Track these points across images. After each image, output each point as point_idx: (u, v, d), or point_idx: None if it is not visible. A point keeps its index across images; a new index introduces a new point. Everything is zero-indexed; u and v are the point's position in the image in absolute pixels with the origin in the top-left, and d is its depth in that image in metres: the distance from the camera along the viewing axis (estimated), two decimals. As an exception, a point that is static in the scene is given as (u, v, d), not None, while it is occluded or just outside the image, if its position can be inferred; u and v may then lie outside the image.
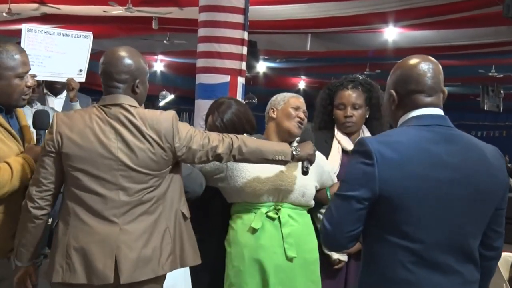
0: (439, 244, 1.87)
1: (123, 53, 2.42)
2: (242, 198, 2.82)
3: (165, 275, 2.49)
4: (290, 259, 2.77)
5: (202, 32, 6.04)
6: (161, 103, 16.52)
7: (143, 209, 2.39)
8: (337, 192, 1.96)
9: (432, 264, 1.87)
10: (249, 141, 2.57)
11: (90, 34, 4.19)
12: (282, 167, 2.81)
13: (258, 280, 2.75)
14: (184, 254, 2.48)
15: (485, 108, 14.13)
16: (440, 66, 2.00)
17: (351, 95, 3.15)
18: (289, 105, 2.93)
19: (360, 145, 1.93)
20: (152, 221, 2.40)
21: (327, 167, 3.02)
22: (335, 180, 3.04)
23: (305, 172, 2.71)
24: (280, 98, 2.98)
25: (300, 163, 2.75)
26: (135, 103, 2.41)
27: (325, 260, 3.00)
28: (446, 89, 2.04)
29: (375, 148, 1.87)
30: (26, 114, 2.76)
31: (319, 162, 2.91)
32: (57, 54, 4.07)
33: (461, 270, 1.90)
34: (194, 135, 2.45)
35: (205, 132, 2.52)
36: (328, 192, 2.99)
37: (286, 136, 2.89)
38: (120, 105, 2.38)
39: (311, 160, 2.69)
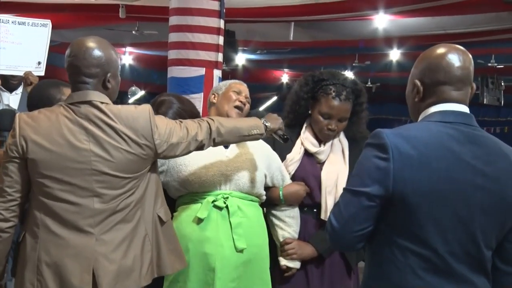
0: (453, 251, 1.89)
1: (92, 44, 2.37)
2: (187, 189, 2.85)
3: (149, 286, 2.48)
4: (239, 251, 2.79)
5: (173, 20, 6.04)
6: (131, 100, 16.42)
7: (120, 217, 2.37)
8: (346, 187, 1.97)
9: (445, 272, 1.89)
10: (224, 120, 2.62)
11: (48, 22, 4.17)
12: (227, 154, 2.88)
13: (202, 276, 2.76)
14: (161, 262, 2.48)
15: (485, 102, 14.22)
16: (471, 57, 2.03)
17: (343, 108, 3.09)
18: (230, 89, 3.03)
19: (375, 137, 1.94)
20: (130, 228, 2.39)
21: (277, 161, 3.07)
22: (287, 179, 3.07)
23: (285, 139, 2.86)
24: (222, 84, 3.09)
25: (241, 147, 2.91)
26: (107, 100, 2.38)
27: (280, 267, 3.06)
28: (475, 84, 2.07)
29: (392, 142, 1.88)
30: None
31: (269, 154, 3.02)
32: (12, 44, 4.06)
33: (474, 280, 1.92)
34: (173, 128, 2.45)
35: (181, 122, 2.51)
36: (281, 192, 3.02)
37: None
38: (89, 103, 2.34)
39: (282, 128, 2.84)
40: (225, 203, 2.82)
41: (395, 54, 12.03)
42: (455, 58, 1.99)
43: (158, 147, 2.40)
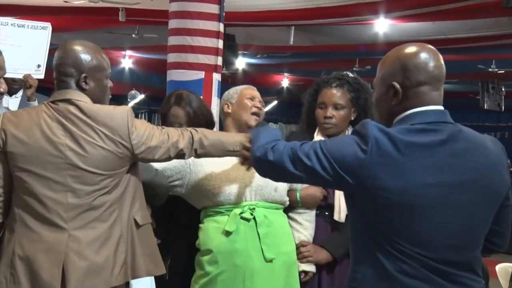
0: (440, 253, 1.89)
1: (73, 46, 2.46)
2: (212, 201, 2.84)
3: (123, 286, 2.47)
4: (269, 261, 2.79)
5: (173, 23, 6.05)
6: (130, 104, 16.43)
7: (95, 215, 2.39)
8: (322, 143, 1.97)
9: (433, 272, 1.89)
10: (209, 133, 2.61)
11: (48, 25, 4.16)
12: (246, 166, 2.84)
13: (230, 287, 2.75)
14: (135, 264, 2.48)
15: (485, 107, 14.21)
16: (439, 53, 2.01)
17: (334, 94, 3.14)
18: (243, 96, 3.00)
19: (362, 126, 1.93)
20: (105, 228, 2.40)
21: None
22: None
23: None
24: (233, 92, 3.05)
25: None
26: (86, 99, 2.43)
27: None
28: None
29: (373, 134, 1.88)
30: None
31: None
32: (11, 47, 4.04)
33: (463, 281, 1.93)
34: (153, 132, 2.47)
35: (163, 128, 2.54)
36: (298, 194, 3.02)
37: (246, 130, 2.90)
38: (68, 101, 2.40)
39: None
40: (252, 214, 2.82)
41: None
42: (429, 56, 1.97)
43: (135, 148, 2.42)
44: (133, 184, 2.50)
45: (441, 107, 1.98)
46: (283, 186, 2.93)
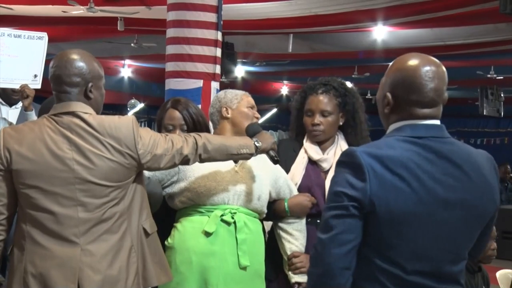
0: (424, 270, 1.89)
1: (74, 55, 2.41)
2: (194, 201, 2.81)
3: None
4: (242, 268, 2.77)
5: (171, 32, 6.04)
6: (130, 113, 16.43)
7: (106, 227, 2.37)
8: (325, 206, 1.93)
9: (415, 286, 1.89)
10: (212, 138, 2.59)
11: (44, 35, 4.15)
12: (236, 168, 2.85)
13: None
14: (146, 274, 2.47)
15: (485, 113, 14.24)
16: (445, 70, 1.96)
17: (321, 100, 3.11)
18: (244, 104, 2.99)
19: (349, 156, 1.89)
20: (116, 240, 2.38)
21: (283, 174, 3.04)
22: (294, 191, 3.04)
23: (276, 160, 2.78)
24: (232, 96, 3.01)
25: (251, 162, 2.85)
26: (90, 110, 2.39)
27: (285, 283, 3.01)
28: (447, 95, 2.00)
29: (366, 162, 1.85)
30: None
31: (274, 168, 2.95)
32: (8, 57, 4.03)
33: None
34: (158, 140, 2.45)
35: (167, 135, 2.51)
36: (286, 203, 2.99)
37: (239, 135, 2.87)
38: (72, 113, 2.36)
39: (274, 148, 2.78)
40: (232, 218, 2.79)
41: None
42: (429, 77, 1.91)
43: (142, 157, 2.40)
44: (139, 193, 2.48)
45: (435, 121, 1.95)
46: (265, 196, 2.91)
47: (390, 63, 2.04)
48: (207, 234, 2.75)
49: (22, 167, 2.31)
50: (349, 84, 3.32)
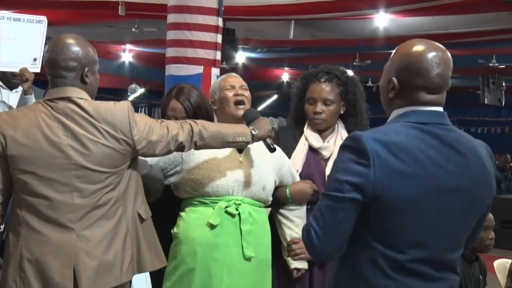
0: (424, 257, 1.90)
1: (69, 40, 2.41)
2: (198, 191, 2.81)
3: (129, 282, 2.47)
4: (247, 259, 2.78)
5: (171, 18, 6.03)
6: (130, 98, 16.42)
7: (101, 212, 2.37)
8: (325, 192, 1.93)
9: (414, 273, 1.90)
10: (209, 125, 2.59)
11: (44, 19, 4.13)
12: (241, 158, 2.85)
13: (208, 281, 2.73)
14: (140, 259, 2.48)
15: (486, 102, 14.23)
16: (450, 56, 1.97)
17: (323, 89, 3.11)
18: (222, 88, 2.95)
19: (354, 141, 1.89)
20: (112, 225, 2.39)
21: (287, 161, 3.04)
22: (297, 178, 3.05)
23: (272, 149, 2.75)
24: (215, 88, 3.00)
25: (254, 151, 2.85)
26: (85, 95, 2.39)
27: (284, 269, 3.02)
28: (450, 83, 2.01)
29: (372, 148, 1.84)
30: None
31: (279, 155, 2.95)
32: (7, 41, 4.02)
33: (442, 276, 1.94)
34: (153, 126, 2.45)
35: (163, 121, 2.52)
36: (288, 190, 3.00)
37: (234, 122, 2.86)
38: (68, 99, 2.35)
39: (271, 136, 2.75)
40: (237, 209, 2.80)
41: (396, 54, 11.98)
42: (435, 62, 1.92)
43: (137, 143, 2.40)
44: (134, 179, 2.49)
45: (438, 108, 1.96)
46: (271, 186, 2.91)
47: (395, 49, 2.03)
48: (212, 226, 2.75)
49: (17, 153, 2.31)
50: (350, 73, 3.32)
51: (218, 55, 6.06)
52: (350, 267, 1.96)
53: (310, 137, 3.16)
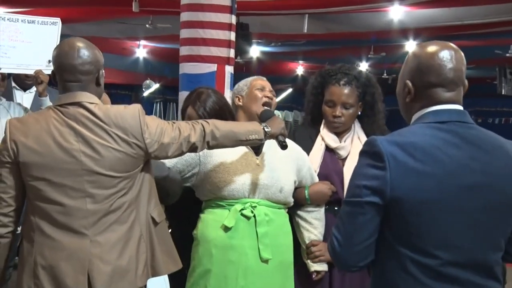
0: (457, 260, 1.86)
1: (80, 43, 2.42)
2: (215, 194, 2.83)
3: (144, 287, 2.48)
4: (264, 261, 2.78)
5: (185, 16, 6.01)
6: (145, 93, 16.47)
7: (114, 217, 2.38)
8: (345, 199, 1.93)
9: (450, 279, 1.86)
10: (220, 124, 2.58)
11: (58, 21, 4.16)
12: (257, 161, 2.84)
13: (223, 283, 2.75)
14: (155, 263, 2.49)
15: (503, 93, 14.09)
16: (462, 55, 1.96)
17: (343, 92, 3.10)
18: (253, 87, 2.97)
19: (369, 145, 1.90)
20: (125, 230, 2.40)
21: (307, 162, 3.04)
22: (316, 179, 3.04)
23: (284, 146, 2.75)
24: (243, 84, 3.02)
25: (272, 153, 2.86)
26: (95, 100, 2.40)
27: (304, 270, 3.02)
28: (467, 83, 2.00)
29: (387, 150, 1.84)
30: None
31: (299, 156, 2.96)
32: (22, 43, 4.05)
33: (482, 284, 1.89)
34: (165, 128, 2.45)
35: (174, 123, 2.51)
36: (306, 191, 2.99)
37: (258, 121, 2.86)
38: (78, 104, 2.36)
39: (284, 134, 2.75)
40: (252, 212, 2.81)
41: (411, 46, 11.92)
42: (447, 58, 1.92)
43: (149, 146, 2.40)
44: (147, 182, 2.49)
45: (457, 106, 1.95)
46: (289, 188, 2.91)
47: (409, 51, 2.04)
48: (227, 228, 2.77)
49: (29, 159, 2.32)
50: (364, 66, 3.30)
51: (232, 53, 6.04)
52: (379, 277, 1.95)
53: (326, 137, 3.16)
